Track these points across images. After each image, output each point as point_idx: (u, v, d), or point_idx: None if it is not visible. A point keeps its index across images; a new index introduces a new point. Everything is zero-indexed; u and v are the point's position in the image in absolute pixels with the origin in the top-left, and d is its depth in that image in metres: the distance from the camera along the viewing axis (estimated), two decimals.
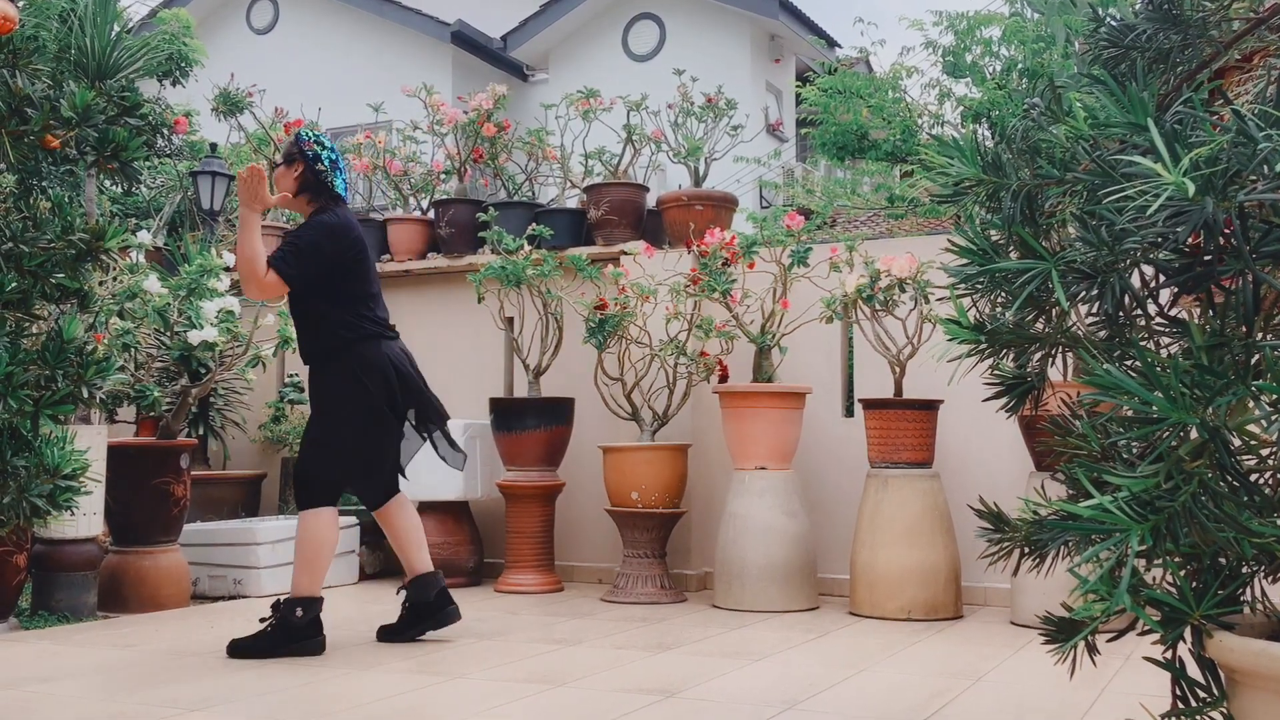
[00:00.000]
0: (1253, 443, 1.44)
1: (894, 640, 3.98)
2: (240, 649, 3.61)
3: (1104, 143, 1.58)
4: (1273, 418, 1.33)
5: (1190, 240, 1.45)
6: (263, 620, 3.70)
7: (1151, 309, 1.62)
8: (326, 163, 3.82)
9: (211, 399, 6.18)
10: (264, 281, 3.62)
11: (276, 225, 6.65)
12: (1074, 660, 1.65)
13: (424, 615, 3.89)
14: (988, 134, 9.48)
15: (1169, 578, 1.54)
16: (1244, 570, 1.56)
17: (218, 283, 4.81)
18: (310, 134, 3.87)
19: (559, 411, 5.24)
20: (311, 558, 3.68)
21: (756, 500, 4.71)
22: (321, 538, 3.69)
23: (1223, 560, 1.54)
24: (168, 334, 4.83)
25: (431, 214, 6.22)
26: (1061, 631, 1.65)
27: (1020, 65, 9.83)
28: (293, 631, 3.62)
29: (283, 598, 3.72)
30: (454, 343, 6.07)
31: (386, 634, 3.91)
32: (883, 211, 10.24)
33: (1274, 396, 1.35)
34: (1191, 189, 1.30)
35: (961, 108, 10.11)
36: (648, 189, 5.88)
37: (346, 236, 3.76)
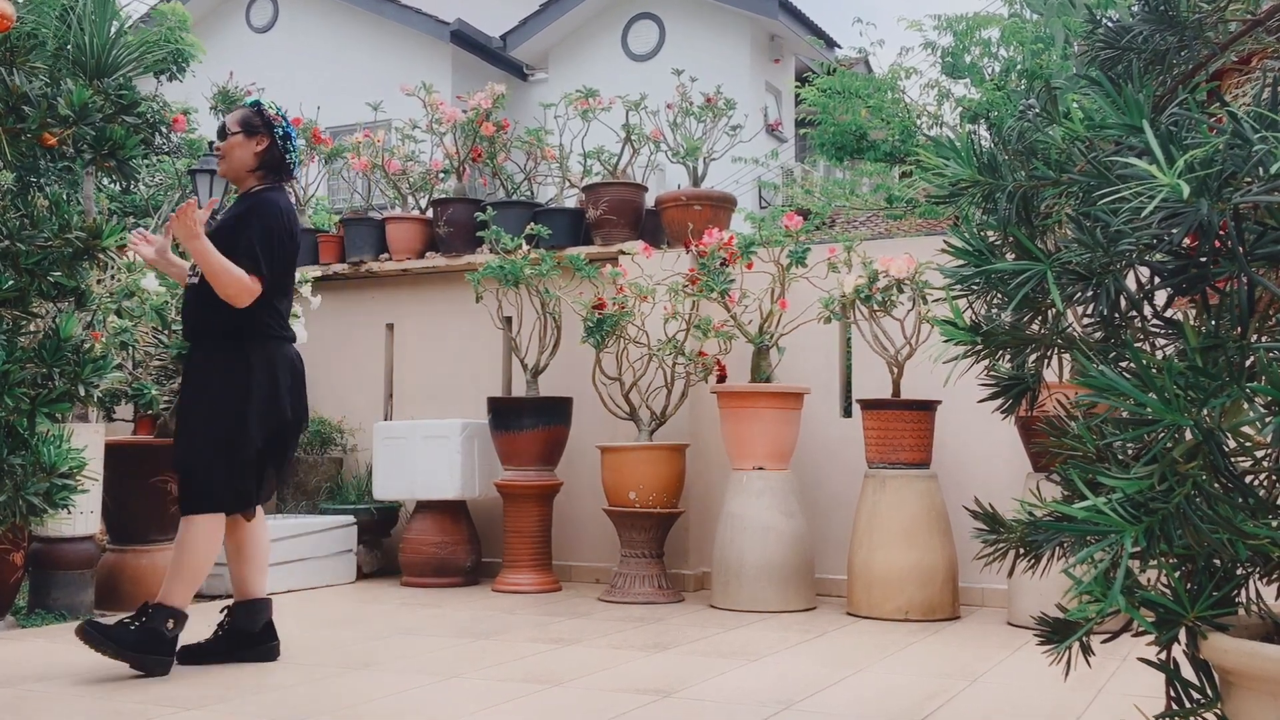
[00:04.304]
0: (1247, 444, 1.44)
1: (891, 641, 3.99)
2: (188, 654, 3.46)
3: (1100, 144, 1.58)
4: (1267, 419, 1.33)
5: (1186, 241, 1.45)
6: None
7: (1147, 310, 1.62)
8: (291, 140, 3.60)
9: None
10: (253, 290, 3.39)
11: None
12: (1069, 661, 1.65)
13: (243, 644, 3.53)
14: (986, 135, 9.48)
15: (1164, 579, 1.54)
16: (1238, 572, 1.56)
17: None
18: (272, 105, 3.61)
19: (557, 411, 5.24)
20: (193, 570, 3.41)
21: (754, 500, 4.71)
22: (203, 550, 3.42)
23: (1217, 562, 1.54)
24: (165, 332, 4.83)
25: (430, 213, 6.22)
26: (1056, 632, 1.66)
27: (1019, 66, 9.83)
28: (160, 642, 3.31)
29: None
30: (452, 342, 6.07)
31: (190, 655, 3.48)
32: (881, 212, 10.25)
33: (1268, 398, 1.36)
34: (1186, 191, 1.30)
35: (960, 108, 10.12)
36: (646, 189, 5.88)
37: (294, 223, 3.54)
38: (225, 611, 3.58)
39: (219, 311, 3.43)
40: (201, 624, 3.74)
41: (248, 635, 3.54)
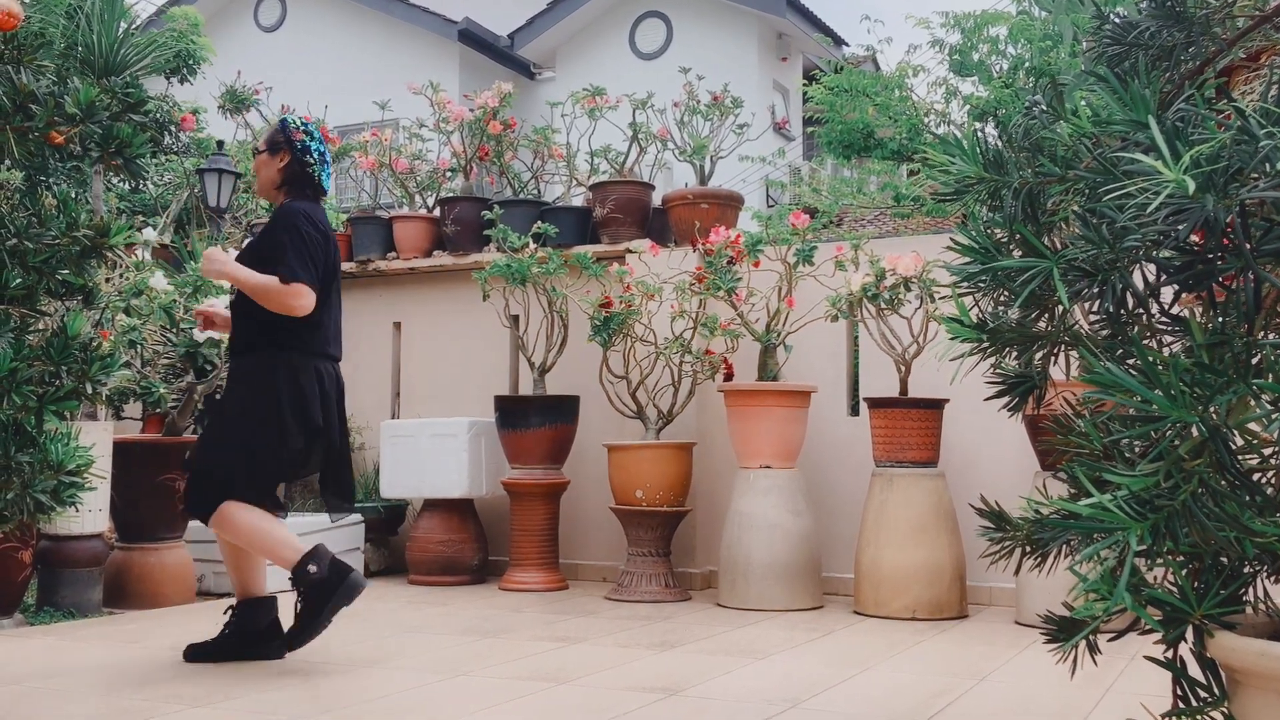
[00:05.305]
0: (1254, 442, 1.43)
1: (898, 640, 3.98)
2: (297, 636, 3.44)
3: (1106, 140, 1.57)
4: (1273, 416, 1.33)
5: (1194, 238, 1.45)
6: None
7: (1153, 307, 1.61)
8: (315, 155, 3.63)
9: (217, 396, 6.19)
10: (298, 292, 3.41)
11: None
12: (1075, 660, 1.65)
13: (249, 642, 3.54)
14: (994, 132, 9.46)
15: (1170, 577, 1.53)
16: (1245, 570, 1.55)
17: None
18: (298, 123, 3.67)
19: (564, 409, 5.24)
20: (264, 536, 3.42)
21: (761, 499, 4.71)
22: (252, 522, 3.42)
23: (1224, 559, 1.54)
24: (174, 331, 4.84)
25: (437, 212, 6.23)
26: (1063, 631, 1.65)
27: (1027, 64, 9.81)
28: (325, 584, 3.35)
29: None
30: (459, 340, 6.07)
31: (197, 653, 3.52)
32: (889, 210, 10.23)
33: (1275, 395, 1.35)
34: (1192, 186, 1.30)
35: (968, 106, 10.10)
36: (653, 187, 5.88)
37: (319, 226, 3.55)
38: (229, 611, 3.58)
39: (251, 324, 3.52)
40: (208, 622, 3.75)
41: (253, 633, 3.55)
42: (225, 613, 3.60)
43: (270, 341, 3.50)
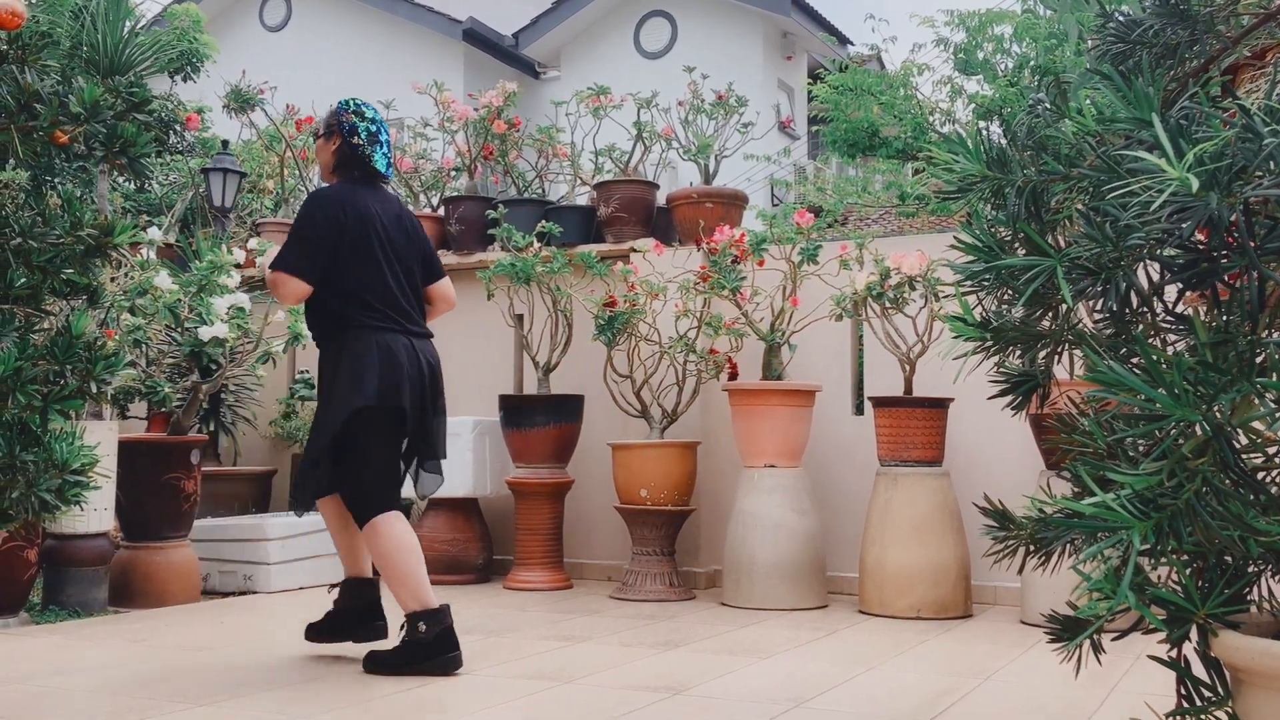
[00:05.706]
0: (1258, 440, 1.43)
1: (903, 639, 3.98)
2: (377, 663, 3.36)
3: (1110, 139, 1.57)
4: (1277, 415, 1.33)
5: (1199, 236, 1.44)
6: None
7: (1157, 306, 1.61)
8: (364, 135, 3.51)
9: (222, 395, 6.20)
10: (274, 281, 3.37)
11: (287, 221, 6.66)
12: (1079, 659, 1.64)
13: (349, 622, 3.60)
14: (998, 131, 9.46)
15: (1174, 576, 1.53)
16: (1250, 569, 1.55)
17: (229, 279, 4.83)
18: (352, 103, 3.57)
19: (568, 409, 5.24)
20: (398, 569, 3.34)
21: (766, 498, 4.71)
22: (397, 546, 3.35)
23: (1228, 559, 1.53)
24: (179, 330, 4.85)
25: (442, 211, 6.23)
26: (1067, 630, 1.65)
27: (1032, 62, 9.80)
28: (425, 648, 3.30)
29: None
30: (463, 340, 6.07)
31: (315, 631, 3.62)
32: (893, 209, 10.22)
33: (1278, 394, 1.35)
34: (1195, 184, 1.29)
35: (973, 105, 10.09)
36: (658, 186, 5.87)
37: (339, 209, 3.40)
38: (334, 589, 3.66)
39: (312, 317, 3.53)
40: (213, 621, 3.75)
41: (353, 610, 3.59)
42: (330, 590, 3.66)
43: (322, 329, 3.49)
